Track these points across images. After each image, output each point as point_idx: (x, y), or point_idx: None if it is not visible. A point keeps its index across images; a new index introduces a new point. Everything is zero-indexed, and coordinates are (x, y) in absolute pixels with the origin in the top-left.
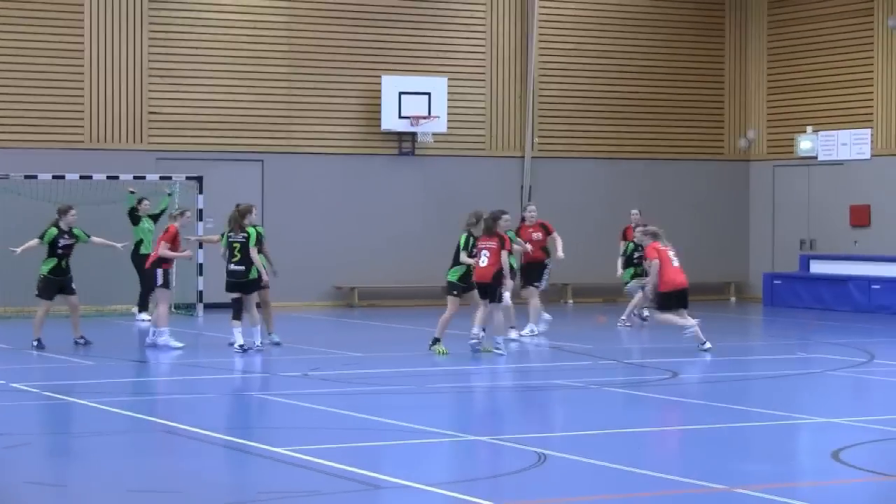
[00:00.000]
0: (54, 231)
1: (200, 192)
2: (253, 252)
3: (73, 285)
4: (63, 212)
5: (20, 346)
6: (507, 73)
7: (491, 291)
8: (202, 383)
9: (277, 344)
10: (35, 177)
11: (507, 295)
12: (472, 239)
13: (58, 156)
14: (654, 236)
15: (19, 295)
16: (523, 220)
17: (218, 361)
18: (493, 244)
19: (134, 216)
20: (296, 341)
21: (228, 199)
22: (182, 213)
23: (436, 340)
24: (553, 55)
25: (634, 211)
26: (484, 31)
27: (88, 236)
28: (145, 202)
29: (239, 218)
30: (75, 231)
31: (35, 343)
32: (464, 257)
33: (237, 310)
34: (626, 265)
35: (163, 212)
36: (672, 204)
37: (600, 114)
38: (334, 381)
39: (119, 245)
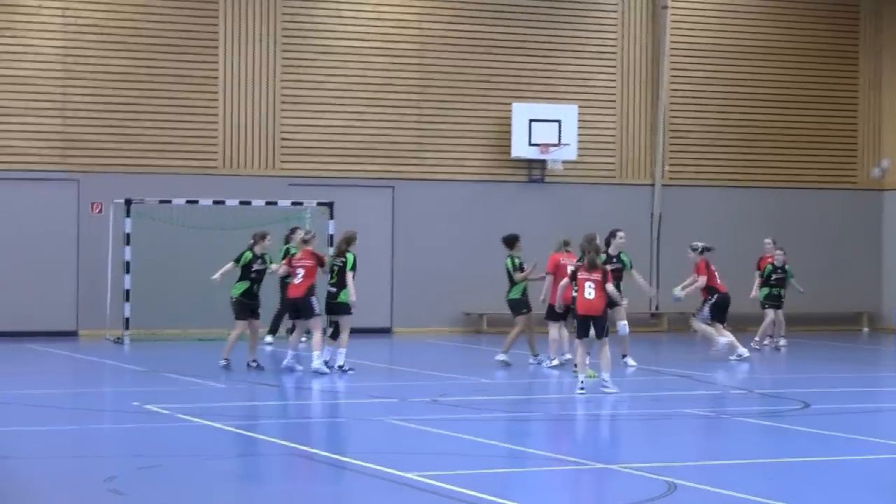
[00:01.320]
0: (249, 255)
1: (331, 217)
2: (348, 276)
3: (259, 310)
4: (260, 237)
5: (154, 369)
6: (638, 101)
7: (598, 327)
8: (331, 407)
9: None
10: (169, 201)
11: (624, 323)
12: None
13: (192, 181)
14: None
15: (153, 318)
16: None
17: (347, 386)
18: (597, 276)
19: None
20: (425, 367)
21: (359, 225)
22: (313, 237)
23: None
24: (684, 83)
25: (768, 240)
26: (615, 59)
27: (271, 262)
28: (299, 231)
29: (344, 244)
30: (266, 257)
31: (224, 363)
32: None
33: (334, 330)
34: (763, 285)
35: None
36: (803, 233)
37: (731, 142)
38: (463, 406)
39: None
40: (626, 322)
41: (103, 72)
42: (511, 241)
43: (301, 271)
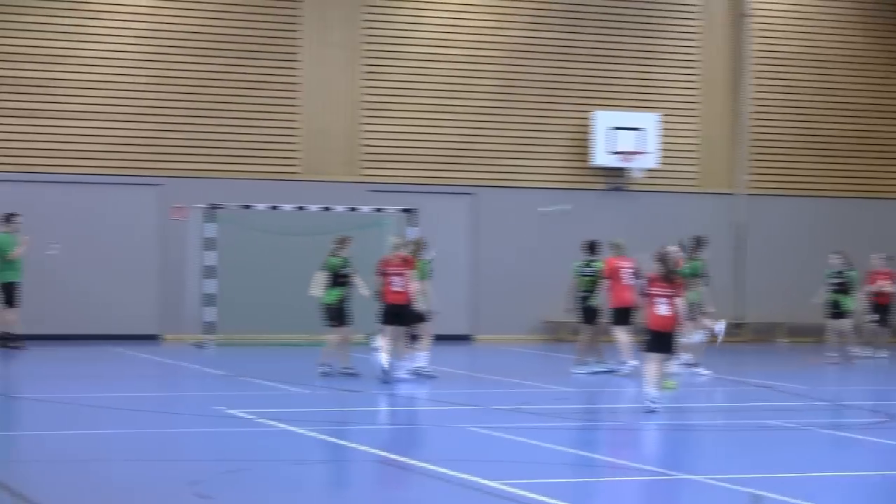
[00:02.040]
0: (337, 261)
1: (412, 224)
2: (413, 284)
3: (350, 315)
4: (343, 242)
5: (237, 373)
6: (720, 109)
7: (667, 343)
8: (413, 414)
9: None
10: (251, 207)
11: (698, 336)
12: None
13: (273, 186)
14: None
15: (235, 322)
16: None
17: (429, 393)
18: (670, 290)
19: None
20: (506, 374)
21: (440, 231)
22: (418, 243)
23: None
24: (766, 91)
25: (879, 255)
26: (697, 67)
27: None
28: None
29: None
30: (350, 263)
31: (327, 369)
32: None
33: (412, 337)
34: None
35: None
36: (887, 244)
37: (815, 151)
38: (546, 415)
39: (368, 293)
40: (703, 331)
41: (187, 78)
42: (592, 247)
43: (397, 279)
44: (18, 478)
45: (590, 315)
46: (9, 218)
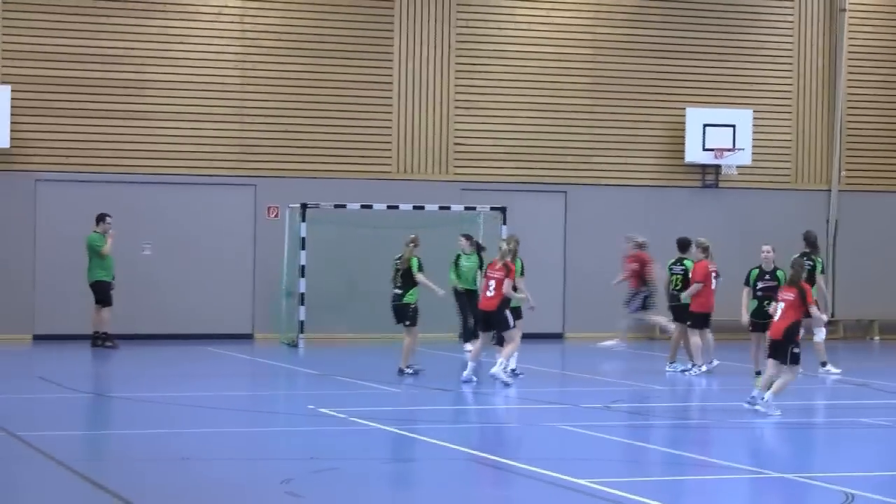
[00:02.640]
0: (418, 261)
1: (504, 222)
2: (506, 285)
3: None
4: (415, 241)
5: (328, 372)
6: (814, 105)
7: (783, 351)
8: (503, 413)
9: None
10: (344, 206)
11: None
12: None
13: (366, 185)
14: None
15: (327, 321)
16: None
17: (520, 391)
18: (791, 296)
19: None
20: (598, 373)
21: (531, 229)
22: (511, 244)
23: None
24: (862, 86)
25: None
26: (791, 63)
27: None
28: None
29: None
30: (413, 260)
31: (409, 370)
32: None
33: (498, 339)
34: None
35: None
36: None
37: None
38: (637, 413)
39: (441, 291)
40: (823, 329)
41: (280, 78)
42: (683, 245)
43: (492, 283)
44: (113, 477)
45: (679, 313)
46: (101, 218)
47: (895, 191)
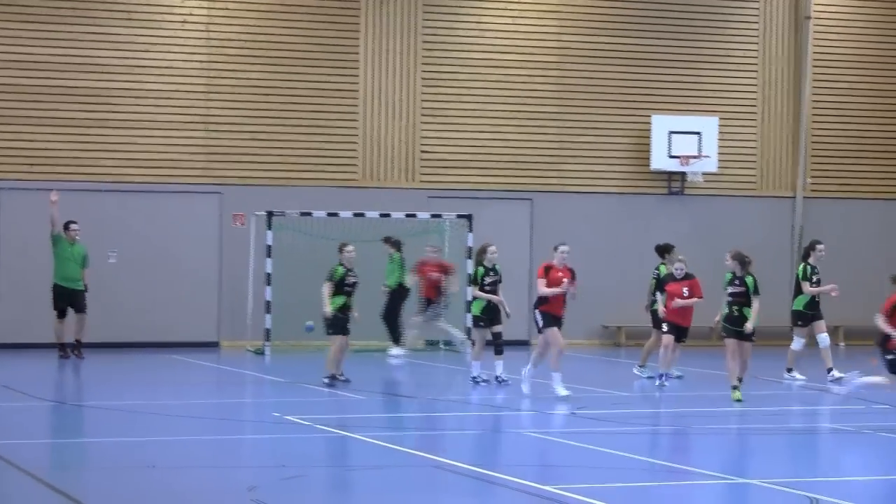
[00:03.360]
0: (342, 270)
1: (470, 230)
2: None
3: (349, 325)
4: (341, 249)
5: (295, 380)
6: (780, 112)
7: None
8: (471, 419)
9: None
10: (310, 214)
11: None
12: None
13: (332, 193)
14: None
15: (293, 329)
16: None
17: (486, 398)
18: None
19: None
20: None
21: (498, 237)
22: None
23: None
24: (827, 93)
25: None
26: (756, 70)
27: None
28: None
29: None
30: (354, 270)
31: (332, 380)
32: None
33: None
34: None
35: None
36: None
37: (875, 153)
38: (602, 420)
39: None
40: (825, 334)
41: (245, 86)
42: (659, 251)
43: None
44: (79, 485)
45: (655, 319)
46: (66, 226)
47: (860, 197)
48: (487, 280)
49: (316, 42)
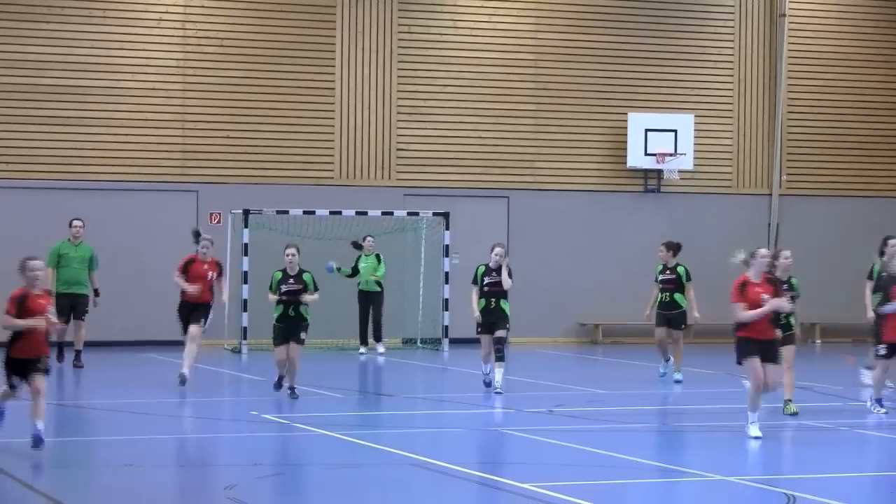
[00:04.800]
0: (279, 275)
1: (447, 228)
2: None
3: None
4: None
5: (272, 378)
6: (755, 110)
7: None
8: (447, 417)
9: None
10: (287, 212)
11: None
12: None
13: (308, 192)
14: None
15: (270, 327)
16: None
17: (462, 396)
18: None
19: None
20: (540, 378)
21: (475, 235)
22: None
23: None
24: (802, 91)
25: None
26: (732, 68)
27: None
28: (369, 239)
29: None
30: (304, 277)
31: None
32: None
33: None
34: None
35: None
36: None
37: (850, 151)
38: (579, 417)
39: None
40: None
41: (222, 84)
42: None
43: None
44: (55, 484)
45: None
46: (69, 224)
47: (835, 195)
48: (487, 280)
49: (293, 40)
